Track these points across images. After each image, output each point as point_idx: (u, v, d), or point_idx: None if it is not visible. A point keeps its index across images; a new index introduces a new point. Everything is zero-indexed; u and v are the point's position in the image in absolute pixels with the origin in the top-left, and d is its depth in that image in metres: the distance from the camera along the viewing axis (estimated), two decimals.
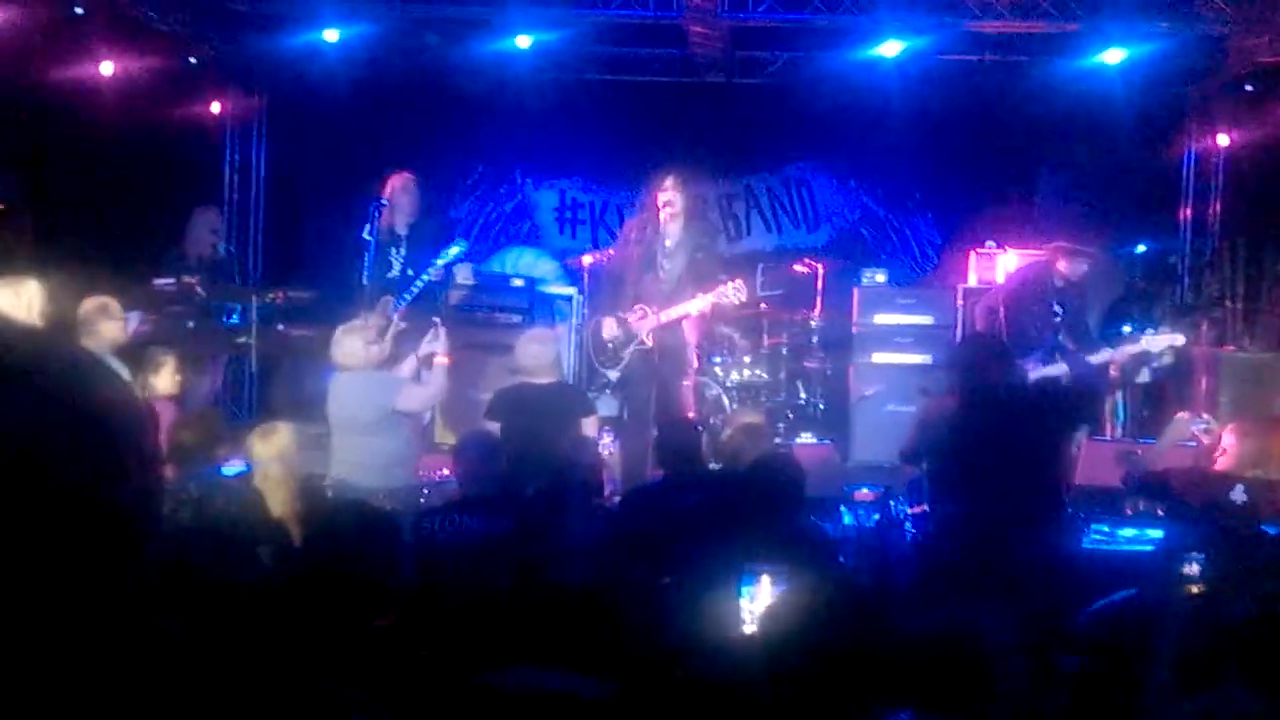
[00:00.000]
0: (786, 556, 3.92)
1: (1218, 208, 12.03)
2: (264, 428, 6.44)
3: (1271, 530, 6.25)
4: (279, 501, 6.00)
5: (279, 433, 6.29)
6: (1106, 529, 8.43)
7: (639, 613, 3.79)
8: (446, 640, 3.92)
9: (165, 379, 7.69)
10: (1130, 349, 8.98)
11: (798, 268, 11.69)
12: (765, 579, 3.63)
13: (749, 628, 3.55)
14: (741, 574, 3.71)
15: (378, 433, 7.50)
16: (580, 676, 3.37)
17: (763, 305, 11.06)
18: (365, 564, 4.23)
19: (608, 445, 7.28)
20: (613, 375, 9.09)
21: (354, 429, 7.55)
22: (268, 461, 6.17)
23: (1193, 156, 12.32)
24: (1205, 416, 7.43)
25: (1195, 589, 5.10)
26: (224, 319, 9.37)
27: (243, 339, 9.45)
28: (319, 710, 2.68)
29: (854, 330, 10.93)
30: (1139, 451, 7.90)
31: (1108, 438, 10.03)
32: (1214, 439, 7.24)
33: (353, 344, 7.57)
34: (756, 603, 3.60)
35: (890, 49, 11.04)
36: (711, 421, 9.51)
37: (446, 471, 7.88)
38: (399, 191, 9.28)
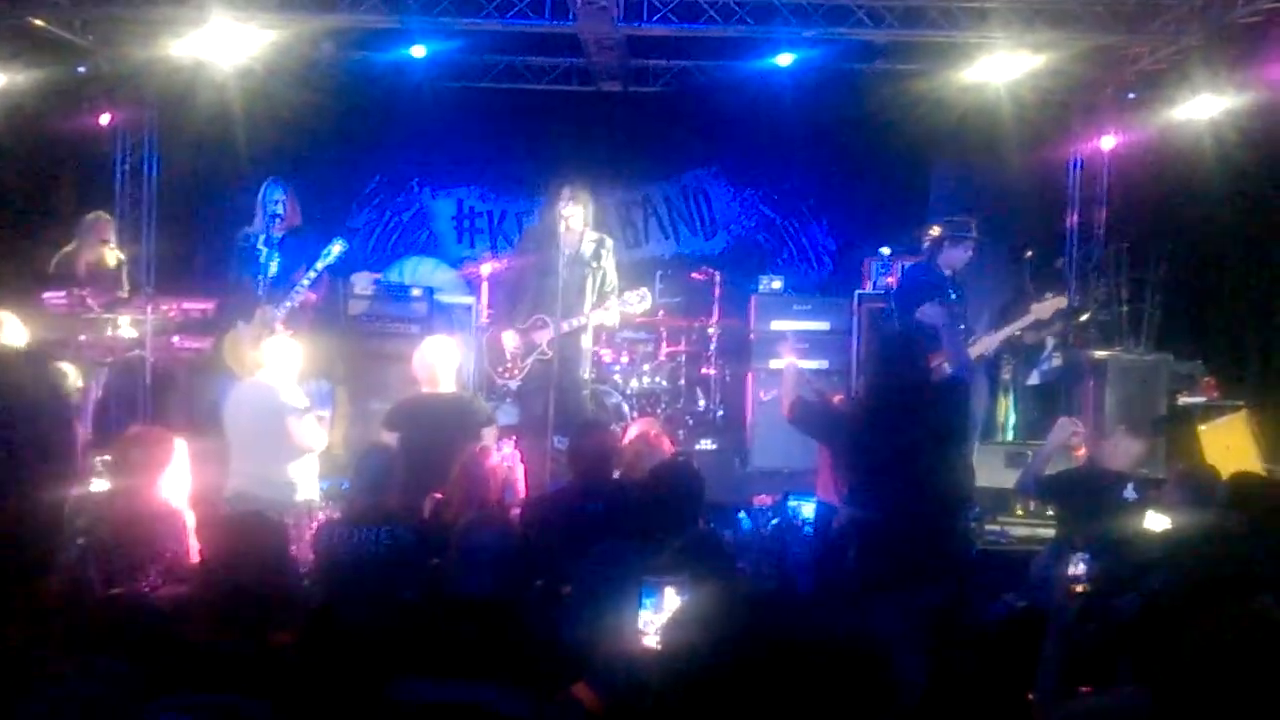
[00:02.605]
0: (687, 565, 3.95)
1: (1104, 214, 12.32)
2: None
3: (1157, 528, 6.41)
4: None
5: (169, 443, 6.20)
6: (999, 529, 8.60)
7: (542, 623, 3.80)
8: (350, 654, 3.91)
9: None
10: (1019, 322, 9.10)
11: (695, 275, 11.77)
12: (669, 590, 3.64)
13: (650, 639, 3.57)
14: (642, 585, 3.73)
15: (275, 444, 7.44)
16: (488, 688, 3.37)
17: (661, 313, 11.13)
18: (261, 579, 4.20)
19: (507, 455, 7.27)
20: (512, 385, 9.10)
21: (251, 441, 7.48)
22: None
23: (1079, 164, 12.59)
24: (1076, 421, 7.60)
25: (1082, 588, 5.21)
26: (114, 331, 9.20)
27: (136, 351, 9.29)
28: None
29: (751, 337, 11.02)
30: (1029, 453, 8.08)
31: (999, 440, 10.24)
32: (1100, 440, 7.44)
33: (241, 351, 7.52)
34: (659, 614, 3.62)
35: (783, 59, 11.21)
36: (611, 429, 9.53)
37: (345, 485, 7.83)
38: (281, 201, 9.12)
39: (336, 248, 8.92)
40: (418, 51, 11.28)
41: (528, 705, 3.40)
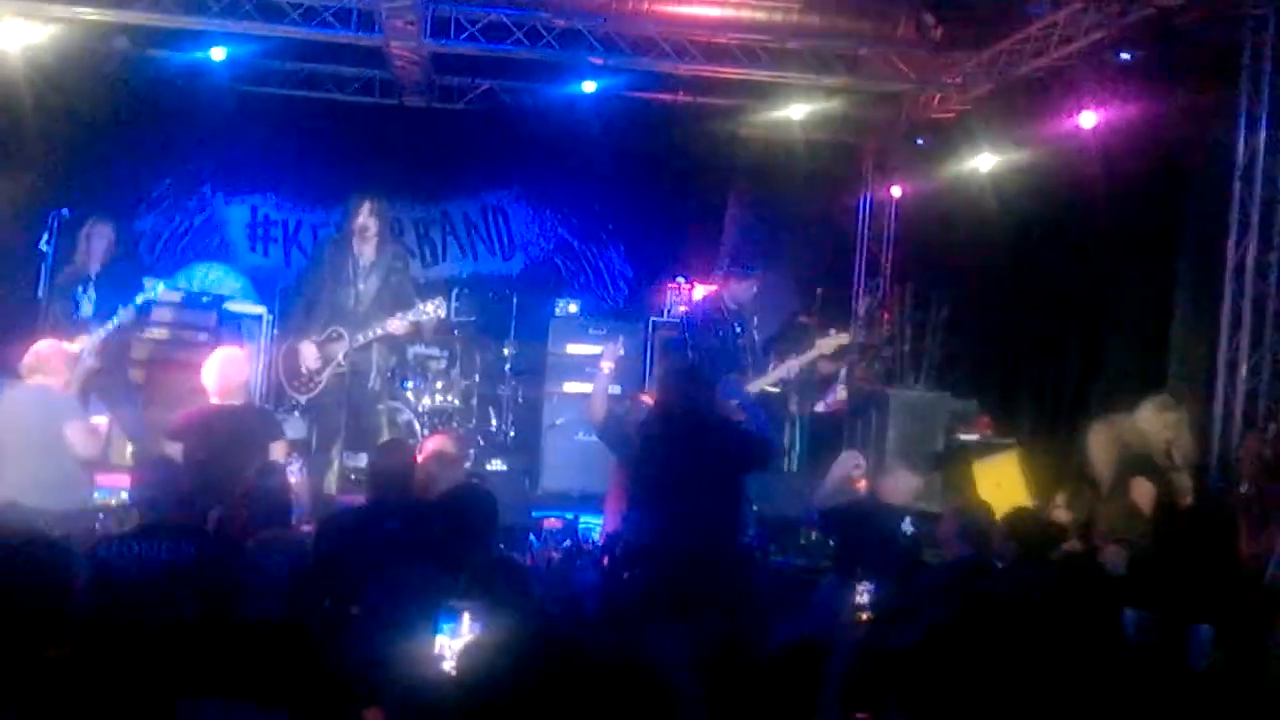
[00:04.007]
0: (482, 591, 3.95)
1: (890, 254, 12.75)
2: None
3: (933, 561, 6.66)
4: None
5: None
6: (783, 558, 8.77)
7: (332, 646, 3.75)
8: (127, 672, 3.79)
9: None
10: (804, 357, 9.32)
11: (492, 295, 11.76)
12: (465, 616, 3.63)
13: (447, 664, 3.56)
14: (438, 609, 3.72)
15: (49, 451, 7.16)
16: (279, 713, 3.31)
17: (456, 331, 11.08)
18: (34, 593, 4.06)
19: (295, 470, 7.14)
20: (303, 399, 8.95)
21: (23, 447, 7.20)
22: None
23: (868, 203, 13.02)
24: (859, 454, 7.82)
25: (865, 616, 5.37)
26: None
27: None
28: None
29: (546, 359, 11.06)
30: (813, 485, 8.28)
31: (783, 470, 10.46)
32: (880, 473, 7.66)
33: (36, 360, 7.25)
34: (455, 639, 3.60)
35: (588, 85, 11.34)
36: (410, 446, 9.44)
37: (125, 495, 7.58)
38: (93, 237, 8.81)
39: (159, 286, 8.74)
40: (217, 54, 11.05)
41: None
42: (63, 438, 7.15)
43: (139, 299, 8.53)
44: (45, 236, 8.68)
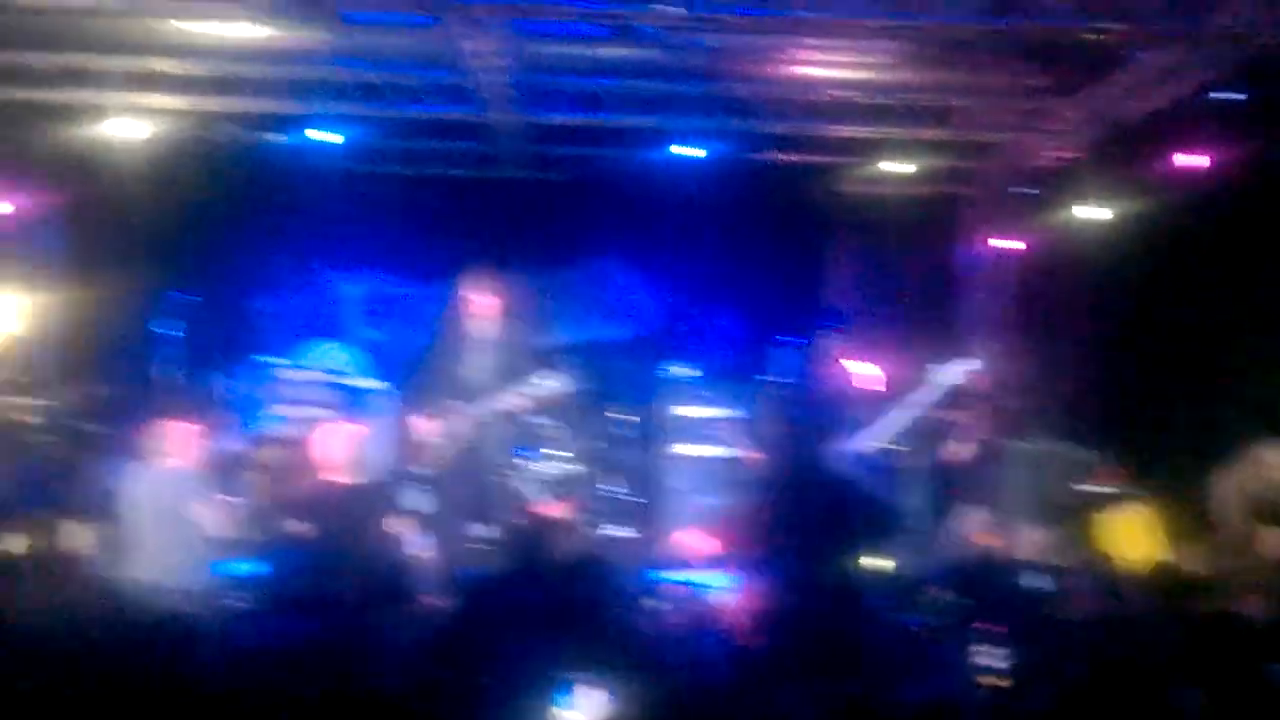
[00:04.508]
0: (605, 663, 3.90)
1: (1001, 306, 12.56)
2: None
3: (1065, 617, 6.49)
4: None
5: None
6: (909, 616, 8.61)
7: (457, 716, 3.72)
8: None
9: None
10: (924, 394, 9.13)
11: (602, 361, 11.77)
12: (589, 688, 3.58)
13: None
14: (560, 681, 3.67)
15: (178, 530, 7.29)
16: None
17: (569, 399, 11.09)
18: (165, 670, 4.10)
19: (416, 543, 7.19)
20: (425, 471, 9.01)
21: (153, 526, 7.34)
22: None
23: (976, 253, 12.86)
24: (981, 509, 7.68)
25: (997, 680, 5.24)
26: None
27: (33, 436, 9.10)
28: None
29: (662, 423, 11.03)
30: (936, 541, 8.15)
31: (903, 525, 10.30)
32: (1006, 529, 7.52)
33: (166, 441, 7.42)
34: (576, 713, 3.54)
35: (686, 150, 11.37)
36: (522, 516, 9.46)
37: (251, 571, 7.68)
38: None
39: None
40: (322, 136, 11.25)
41: None
42: (192, 516, 7.28)
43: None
44: (162, 320, 8.89)
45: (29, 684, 4.41)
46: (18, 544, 6.04)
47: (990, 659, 5.50)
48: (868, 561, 7.05)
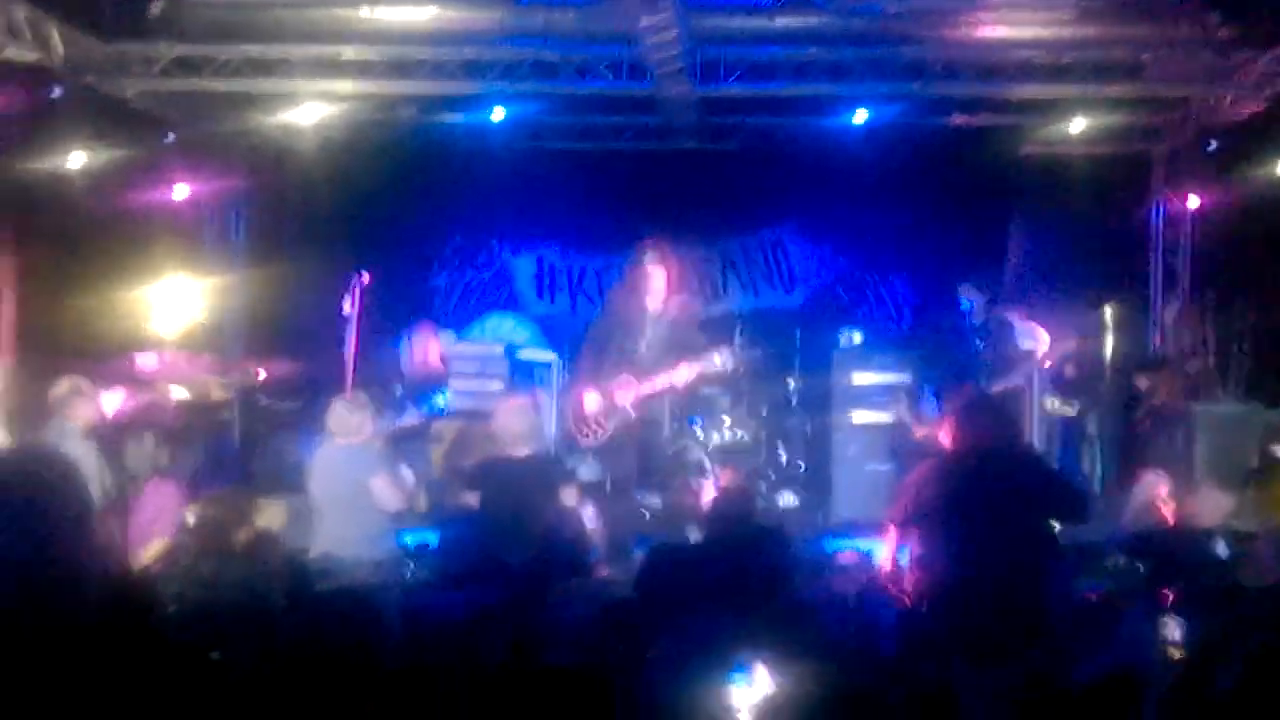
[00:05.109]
0: (778, 640, 3.92)
1: (1188, 264, 12.18)
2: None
3: (1252, 585, 6.29)
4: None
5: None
6: (1089, 584, 8.45)
7: (629, 695, 3.77)
8: None
9: (148, 456, 7.70)
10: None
11: (775, 329, 11.74)
12: (761, 669, 3.60)
13: (744, 718, 3.53)
14: (732, 658, 3.70)
15: (358, 505, 7.50)
16: None
17: (741, 367, 11.10)
18: (346, 642, 4.23)
19: (590, 515, 7.29)
20: (593, 443, 9.13)
21: (336, 501, 7.56)
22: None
23: (1161, 211, 12.48)
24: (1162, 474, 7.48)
25: (1179, 654, 5.11)
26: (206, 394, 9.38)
27: (225, 414, 9.46)
28: None
29: (833, 390, 10.96)
30: (1117, 507, 7.97)
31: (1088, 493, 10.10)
32: (1187, 494, 7.32)
33: (346, 418, 7.63)
34: (750, 692, 3.57)
35: (859, 115, 11.22)
36: (694, 486, 9.52)
37: (430, 543, 7.89)
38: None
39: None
40: (498, 114, 11.41)
41: None
42: (370, 491, 7.49)
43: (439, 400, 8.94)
44: (347, 299, 9.15)
45: (221, 655, 4.61)
46: (211, 520, 6.25)
47: (1173, 629, 5.36)
48: (1048, 529, 6.91)
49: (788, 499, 10.00)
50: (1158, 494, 7.19)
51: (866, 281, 13.21)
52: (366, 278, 9.29)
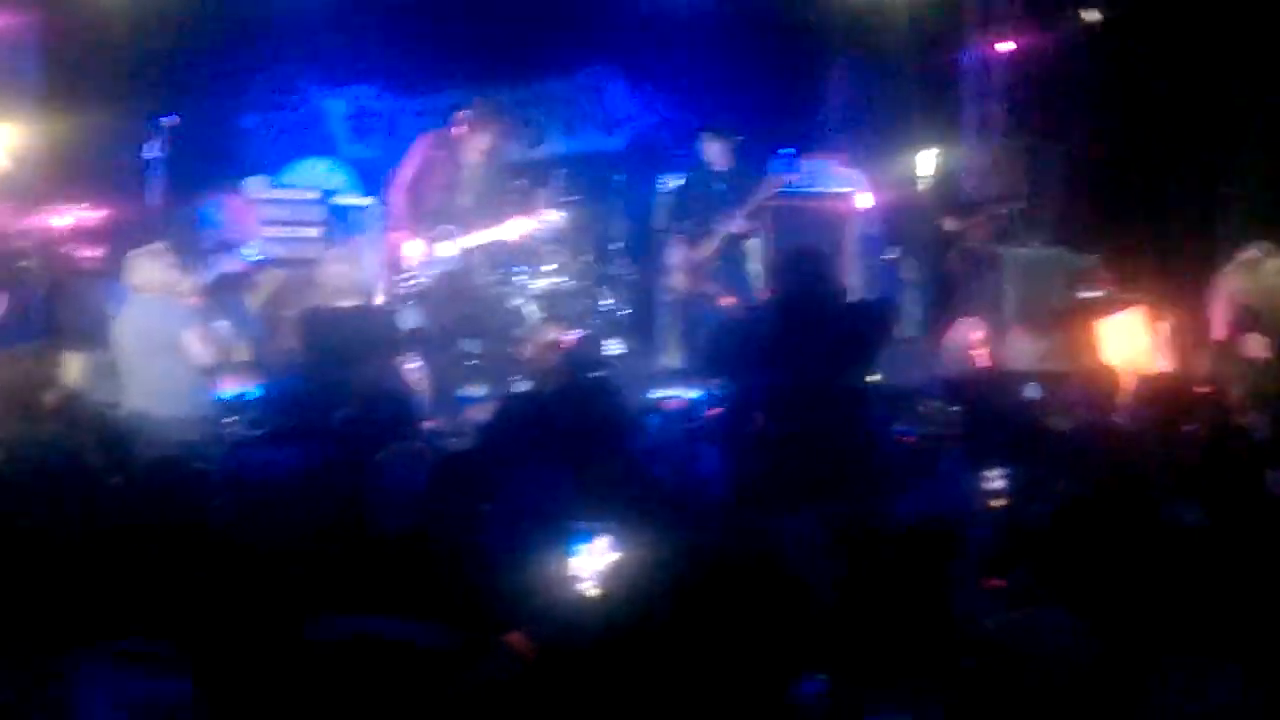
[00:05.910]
0: (615, 506, 3.91)
1: (1000, 110, 12.35)
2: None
3: (1061, 427, 6.52)
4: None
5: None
6: (904, 428, 8.67)
7: (462, 559, 3.74)
8: (265, 588, 3.83)
9: None
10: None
11: (599, 174, 11.64)
12: (601, 537, 3.59)
13: (586, 587, 3.53)
14: (569, 523, 3.69)
15: (168, 359, 7.27)
16: (420, 624, 3.31)
17: (563, 212, 10.98)
18: (173, 509, 4.12)
19: (415, 364, 7.17)
20: (415, 291, 8.99)
21: (146, 354, 7.32)
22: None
23: (973, 58, 12.60)
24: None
25: (992, 493, 5.27)
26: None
27: (25, 262, 9.02)
28: None
29: (655, 235, 10.95)
30: (931, 351, 8.16)
31: (901, 338, 10.32)
32: (999, 338, 7.51)
33: (151, 268, 7.34)
34: (591, 559, 3.56)
35: None
36: (516, 334, 9.45)
37: (249, 396, 7.69)
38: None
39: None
40: None
41: (450, 640, 3.35)
42: (180, 346, 7.26)
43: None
44: (150, 145, 8.75)
45: (33, 523, 4.44)
46: (14, 378, 5.99)
47: (985, 472, 5.52)
48: (863, 374, 7.04)
49: (614, 345, 9.99)
50: (972, 338, 7.35)
51: (688, 127, 13.11)
52: (175, 120, 8.88)
